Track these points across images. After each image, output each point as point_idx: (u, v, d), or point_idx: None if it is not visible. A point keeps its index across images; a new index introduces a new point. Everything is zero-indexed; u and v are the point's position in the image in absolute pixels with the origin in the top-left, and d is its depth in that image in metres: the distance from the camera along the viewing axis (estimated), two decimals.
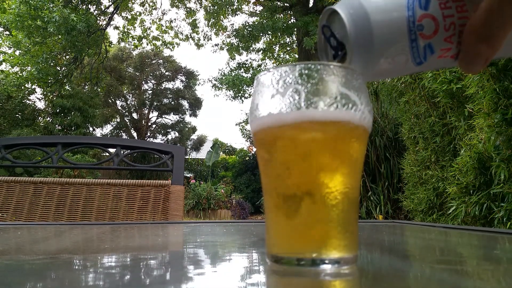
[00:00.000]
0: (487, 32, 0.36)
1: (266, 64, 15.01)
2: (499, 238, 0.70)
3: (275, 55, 15.40)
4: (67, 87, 12.71)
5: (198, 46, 15.68)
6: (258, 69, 13.68)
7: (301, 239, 0.38)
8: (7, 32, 12.84)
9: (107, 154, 1.58)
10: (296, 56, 13.76)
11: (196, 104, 19.97)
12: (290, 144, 0.38)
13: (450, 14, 0.38)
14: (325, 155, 0.37)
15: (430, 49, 0.38)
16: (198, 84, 15.93)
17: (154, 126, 20.22)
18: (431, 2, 0.38)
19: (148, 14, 17.38)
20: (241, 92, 12.68)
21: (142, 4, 15.00)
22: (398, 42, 0.38)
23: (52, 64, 12.02)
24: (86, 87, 14.85)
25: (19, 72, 12.43)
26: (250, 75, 12.77)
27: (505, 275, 0.39)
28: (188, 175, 14.32)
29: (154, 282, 0.36)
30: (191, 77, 19.51)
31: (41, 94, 13.30)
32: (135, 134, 19.64)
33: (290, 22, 12.05)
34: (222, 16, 14.11)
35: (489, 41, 0.36)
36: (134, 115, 20.07)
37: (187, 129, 19.81)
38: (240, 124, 16.76)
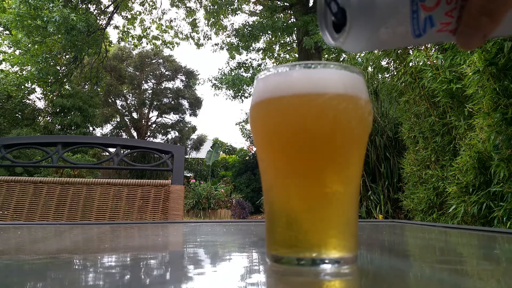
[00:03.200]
0: (489, 6, 0.36)
1: (266, 63, 14.99)
2: (499, 238, 0.70)
3: (275, 55, 15.39)
4: (67, 87, 12.69)
5: (198, 45, 15.65)
6: (258, 69, 13.66)
7: (301, 239, 0.38)
8: (7, 32, 12.83)
9: (107, 153, 1.58)
10: (296, 55, 13.75)
11: (196, 104, 19.96)
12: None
13: None
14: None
15: (430, 22, 0.38)
16: (198, 84, 15.89)
17: (154, 125, 20.22)
18: None
19: (148, 14, 17.35)
20: (241, 92, 12.65)
21: (142, 4, 14.98)
22: (399, 12, 0.37)
23: (52, 63, 12.00)
24: (86, 86, 14.83)
25: (19, 72, 12.42)
26: (250, 75, 12.75)
27: (505, 275, 0.39)
28: (188, 175, 14.32)
29: (154, 282, 0.36)
30: (191, 76, 19.51)
31: (41, 93, 13.29)
32: (135, 134, 19.63)
33: (290, 21, 12.04)
34: (222, 16, 14.09)
35: (491, 15, 0.36)
36: (134, 115, 20.07)
37: (187, 128, 19.80)
38: (240, 124, 16.75)
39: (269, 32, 11.72)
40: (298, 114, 0.37)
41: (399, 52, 4.10)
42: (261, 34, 12.12)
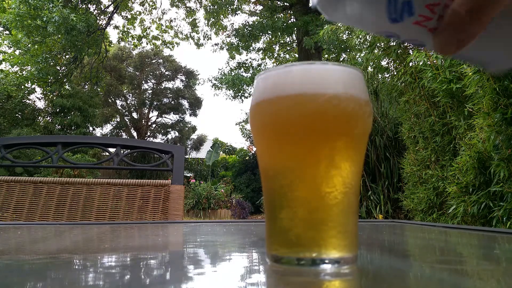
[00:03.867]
0: (476, 4, 0.33)
1: (266, 63, 15.00)
2: (499, 238, 0.70)
3: (275, 55, 15.40)
4: (67, 87, 12.69)
5: (198, 45, 15.66)
6: (258, 69, 13.67)
7: (301, 239, 0.38)
8: (7, 32, 12.84)
9: (107, 153, 1.58)
10: (296, 55, 13.76)
11: (196, 104, 19.96)
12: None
13: None
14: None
15: (409, 7, 0.35)
16: (198, 84, 15.89)
17: (154, 125, 20.22)
18: None
19: (148, 14, 17.36)
20: (241, 92, 12.67)
21: (142, 4, 14.98)
22: None
23: (52, 63, 12.00)
24: (86, 86, 14.84)
25: (19, 72, 12.42)
26: (250, 75, 12.77)
27: (505, 275, 0.39)
28: (188, 175, 14.31)
29: (154, 282, 0.36)
30: (191, 76, 19.51)
31: (41, 93, 13.29)
32: (135, 134, 19.64)
33: (290, 21, 12.05)
34: (222, 16, 14.10)
35: (477, 15, 0.33)
36: (134, 115, 20.08)
37: (187, 128, 19.80)
38: (240, 124, 16.76)
39: (269, 32, 11.73)
40: (298, 115, 0.37)
41: (399, 52, 4.10)
42: (261, 34, 12.13)
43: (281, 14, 12.75)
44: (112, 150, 1.59)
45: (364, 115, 0.39)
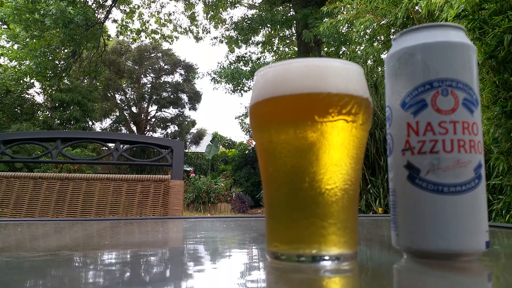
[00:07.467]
0: None
1: (266, 57, 14.93)
2: (498, 233, 0.70)
3: (275, 48, 15.33)
4: (65, 81, 12.65)
5: (197, 39, 15.60)
6: (257, 62, 13.60)
7: (301, 236, 0.38)
8: (5, 26, 12.76)
9: (107, 148, 1.58)
10: (296, 49, 13.70)
11: (195, 98, 19.93)
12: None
13: None
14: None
15: None
16: (197, 78, 15.86)
17: (153, 120, 20.20)
18: None
19: (146, 7, 17.25)
20: (240, 85, 12.63)
21: None
22: None
23: (50, 57, 11.95)
24: (85, 81, 14.79)
25: (17, 66, 12.37)
26: (249, 68, 12.71)
27: (504, 271, 0.39)
28: (188, 169, 14.32)
29: (154, 279, 0.36)
30: (190, 70, 19.45)
31: (39, 88, 13.26)
32: (134, 128, 19.62)
33: (289, 14, 11.98)
34: (221, 9, 14.02)
35: None
36: (133, 109, 20.05)
37: (186, 122, 19.79)
38: (240, 118, 16.72)
39: (268, 25, 11.67)
40: (298, 113, 0.37)
41: None
42: (260, 27, 12.07)
43: (280, 7, 12.68)
44: (111, 145, 1.59)
45: (365, 112, 0.39)
